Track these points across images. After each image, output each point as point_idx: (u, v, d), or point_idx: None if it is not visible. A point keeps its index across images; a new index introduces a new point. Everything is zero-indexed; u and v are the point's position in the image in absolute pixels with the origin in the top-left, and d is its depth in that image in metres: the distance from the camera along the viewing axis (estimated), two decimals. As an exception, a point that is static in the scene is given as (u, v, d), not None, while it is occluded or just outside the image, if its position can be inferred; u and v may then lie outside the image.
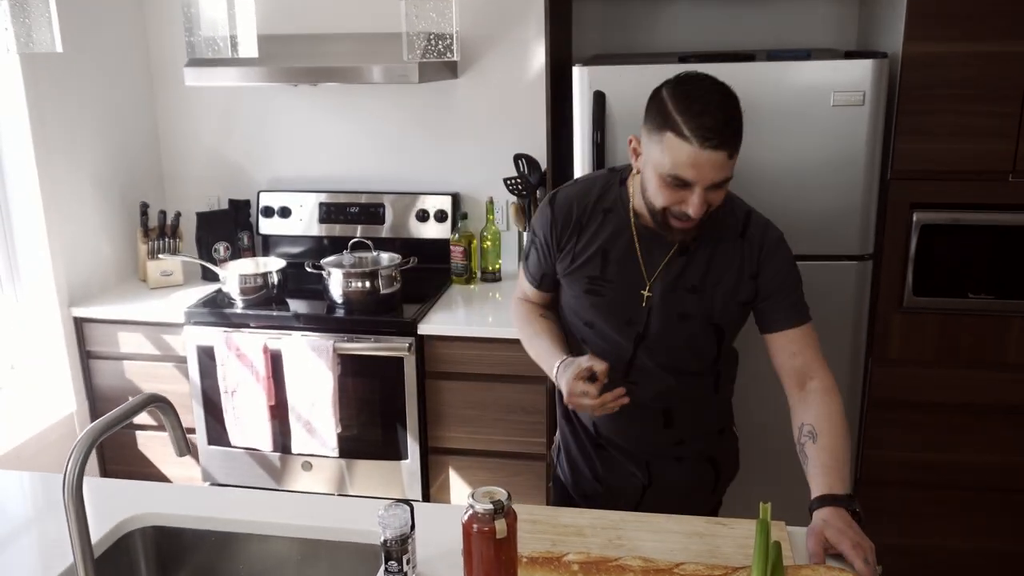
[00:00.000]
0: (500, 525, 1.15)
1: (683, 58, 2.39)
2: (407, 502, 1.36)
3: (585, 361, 1.62)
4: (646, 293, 1.71)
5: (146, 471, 3.05)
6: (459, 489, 2.85)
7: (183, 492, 1.74)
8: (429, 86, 3.12)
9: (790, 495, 2.55)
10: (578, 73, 2.35)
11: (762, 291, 1.72)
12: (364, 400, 2.80)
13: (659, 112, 1.55)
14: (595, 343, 1.79)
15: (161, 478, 3.05)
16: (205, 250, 3.17)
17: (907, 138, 2.37)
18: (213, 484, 2.94)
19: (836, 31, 2.87)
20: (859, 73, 2.23)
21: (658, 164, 1.54)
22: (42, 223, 2.82)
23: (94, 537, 1.54)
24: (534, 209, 2.98)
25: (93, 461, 3.06)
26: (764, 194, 2.37)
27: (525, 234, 3.02)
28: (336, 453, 2.79)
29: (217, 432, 2.88)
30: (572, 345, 1.83)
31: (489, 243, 3.10)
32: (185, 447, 1.30)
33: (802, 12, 2.86)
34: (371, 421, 2.80)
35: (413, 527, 1.35)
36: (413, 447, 2.79)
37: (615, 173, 1.79)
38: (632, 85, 2.34)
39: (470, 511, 1.17)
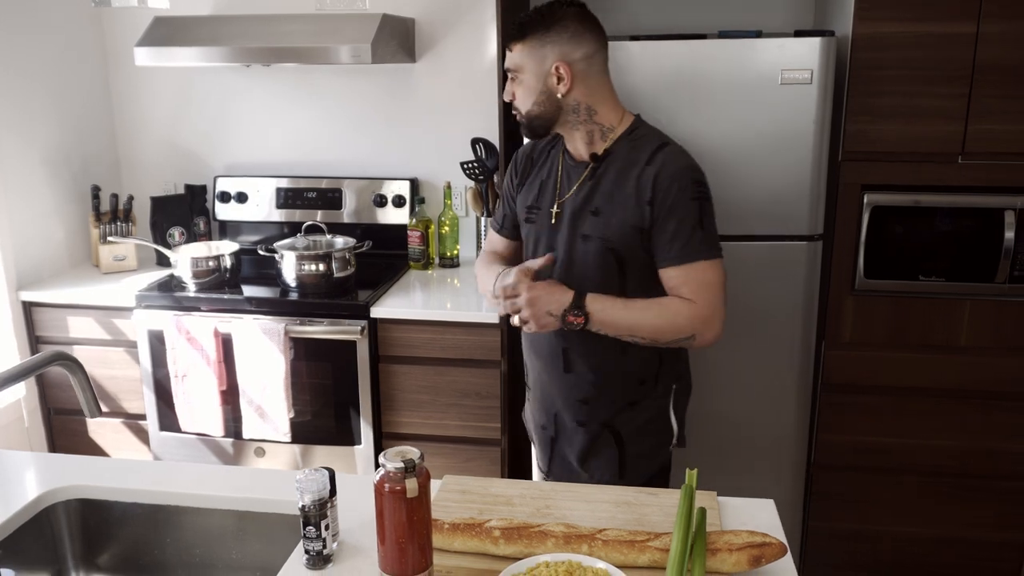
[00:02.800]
0: (411, 484, 1.13)
1: (634, 37, 2.38)
2: (329, 469, 1.33)
3: (520, 266, 1.81)
4: (554, 211, 1.86)
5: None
6: (414, 475, 2.82)
7: (113, 465, 1.71)
8: (386, 70, 3.10)
9: (735, 480, 2.55)
10: (527, 51, 2.33)
11: (655, 218, 1.73)
12: (317, 385, 2.76)
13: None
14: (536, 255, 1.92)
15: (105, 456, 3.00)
16: (160, 235, 3.13)
17: (857, 119, 2.37)
18: (164, 471, 2.90)
19: (793, 13, 2.87)
20: (806, 51, 2.23)
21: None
22: (-11, 205, 2.78)
23: (12, 510, 1.51)
24: (491, 194, 2.97)
25: (43, 447, 3.01)
26: (713, 172, 2.35)
27: (483, 219, 3.00)
28: (289, 438, 2.75)
29: (169, 418, 2.84)
30: None
31: (447, 228, 3.08)
32: (96, 408, 1.27)
33: (758, -4, 2.87)
34: (324, 406, 2.77)
35: (334, 493, 1.33)
36: (367, 432, 2.76)
37: None
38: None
39: (382, 470, 1.14)
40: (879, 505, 2.67)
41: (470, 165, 2.96)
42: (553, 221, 1.86)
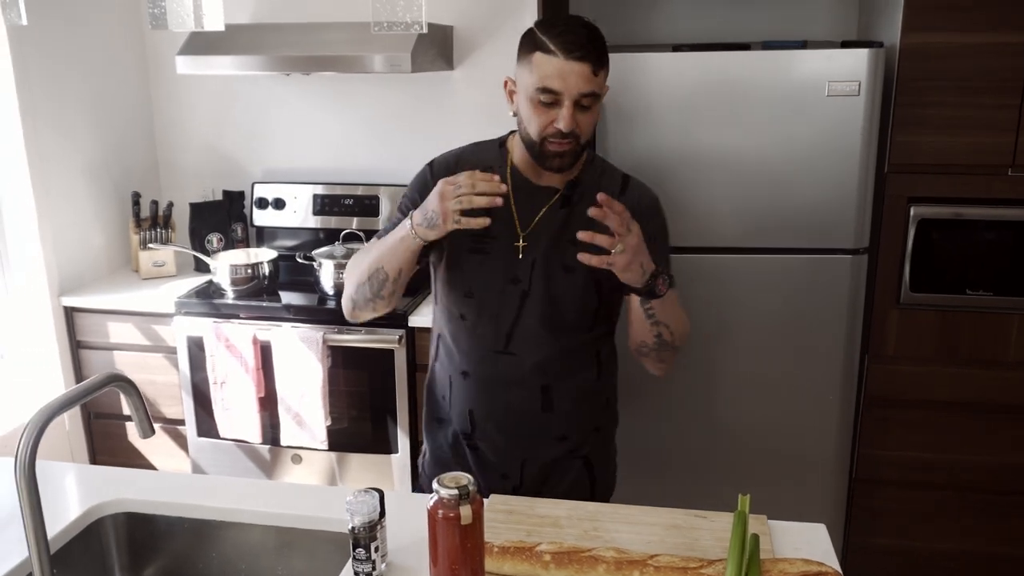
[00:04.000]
0: (465, 511, 1.12)
1: (677, 47, 2.35)
2: (378, 490, 1.32)
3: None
4: (520, 244, 1.69)
5: (136, 463, 3.03)
6: (449, 484, 2.81)
7: (158, 479, 1.72)
8: (424, 78, 3.10)
9: (777, 494, 2.52)
10: (569, 61, 2.32)
11: None
12: (354, 393, 2.77)
13: (528, 40, 1.61)
14: (474, 317, 1.73)
15: (151, 468, 3.03)
16: (198, 241, 3.15)
17: (904, 130, 2.33)
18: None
19: (837, 23, 2.83)
20: (854, 63, 2.20)
21: (528, 85, 1.58)
22: (32, 212, 2.81)
23: (64, 522, 1.52)
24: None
25: (83, 451, 3.04)
26: (757, 184, 2.34)
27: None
28: (326, 446, 2.76)
29: (207, 424, 2.86)
30: (448, 328, 1.78)
31: (483, 236, 3.07)
32: (149, 428, 1.28)
33: (803, 5, 2.83)
34: (361, 414, 2.77)
35: (383, 515, 1.32)
36: (403, 441, 2.76)
37: (494, 140, 1.80)
38: (623, 73, 2.31)
39: (435, 496, 1.14)
40: (922, 521, 2.62)
41: (507, 173, 2.95)
42: (521, 255, 1.69)
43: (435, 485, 1.14)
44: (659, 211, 1.76)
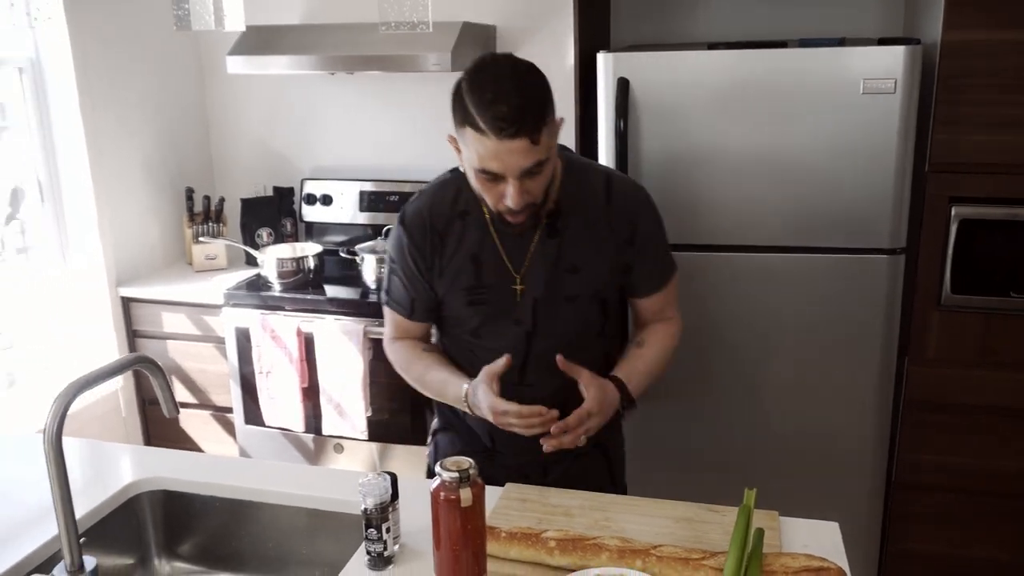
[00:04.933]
0: (465, 493, 1.16)
1: (712, 46, 2.36)
2: (391, 474, 1.37)
3: (483, 375, 1.57)
4: (518, 287, 1.64)
5: (187, 448, 3.15)
6: (486, 476, 2.86)
7: (195, 459, 1.80)
8: (468, 76, 3.14)
9: (812, 498, 2.50)
10: (602, 60, 2.34)
11: (637, 253, 1.68)
12: (394, 385, 2.83)
13: (459, 107, 1.47)
14: (484, 353, 1.66)
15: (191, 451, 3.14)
16: (249, 236, 3.25)
17: (945, 129, 2.29)
18: (248, 462, 3.02)
19: (880, 21, 2.79)
20: (890, 60, 2.17)
21: (469, 160, 1.50)
22: (92, 205, 2.94)
23: (105, 495, 1.61)
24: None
25: (138, 436, 3.18)
26: (792, 183, 2.33)
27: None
28: (366, 436, 2.83)
29: (253, 412, 2.95)
30: (462, 363, 1.73)
31: (524, 233, 3.10)
32: (174, 407, 1.35)
33: (846, 3, 2.80)
34: (401, 406, 2.84)
35: (396, 497, 1.37)
36: (441, 433, 2.81)
37: (456, 178, 1.68)
38: (657, 72, 2.32)
39: (438, 479, 1.18)
40: (962, 528, 2.57)
41: (548, 171, 2.98)
42: (520, 298, 1.65)
43: (437, 468, 1.18)
44: (649, 206, 1.71)
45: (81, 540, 1.17)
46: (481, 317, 1.67)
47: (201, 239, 3.19)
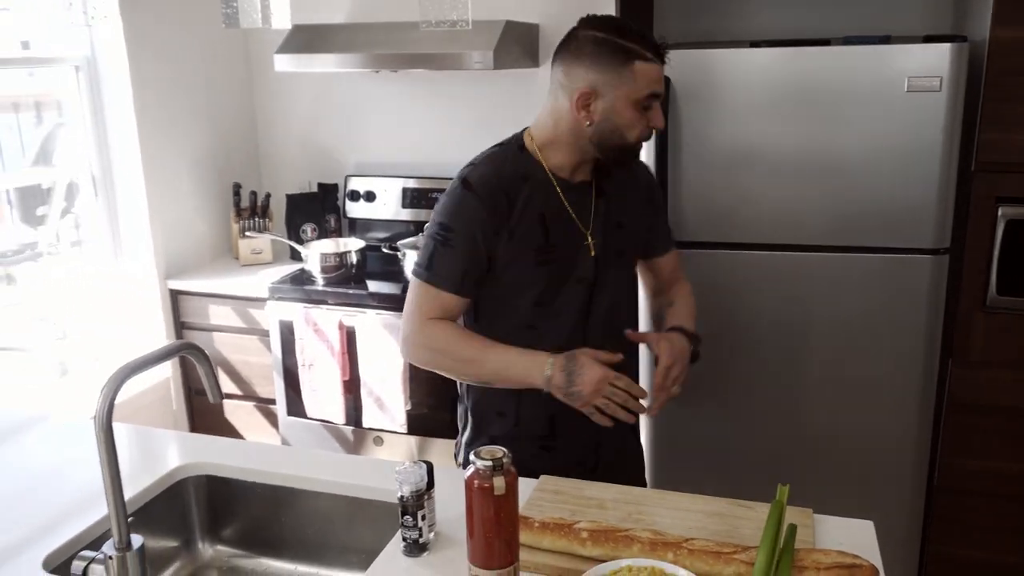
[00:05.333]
0: (499, 482, 1.18)
1: (755, 44, 2.35)
2: (427, 463, 1.40)
3: (586, 350, 1.60)
4: (590, 242, 1.71)
5: (232, 437, 3.22)
6: (523, 472, 2.89)
7: (238, 446, 1.85)
8: (510, 75, 3.17)
9: (851, 499, 2.48)
10: (644, 58, 2.35)
11: (656, 211, 1.88)
12: (433, 379, 2.83)
13: (619, 49, 1.58)
14: (546, 324, 1.70)
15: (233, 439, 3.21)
16: (294, 231, 3.31)
17: (992, 128, 2.26)
18: (291, 453, 3.08)
19: (927, 18, 2.76)
20: (935, 58, 2.15)
21: (633, 92, 1.59)
22: (144, 200, 3.02)
23: (152, 479, 1.66)
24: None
25: (185, 426, 3.25)
26: (835, 181, 2.32)
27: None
28: (405, 429, 2.87)
29: (296, 404, 3.01)
30: (516, 343, 1.67)
31: (564, 231, 3.12)
32: (218, 393, 1.39)
33: (891, 0, 2.76)
34: (440, 400, 2.87)
35: (432, 486, 1.40)
36: (478, 427, 2.84)
37: (507, 145, 1.73)
38: (699, 70, 2.32)
39: (472, 468, 1.20)
40: (1006, 533, 2.53)
41: (589, 169, 2.99)
42: (594, 253, 1.71)
43: (472, 456, 1.20)
44: (651, 174, 1.92)
45: (129, 519, 1.21)
46: (547, 278, 1.69)
47: (247, 234, 3.25)
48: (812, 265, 2.41)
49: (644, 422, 2.64)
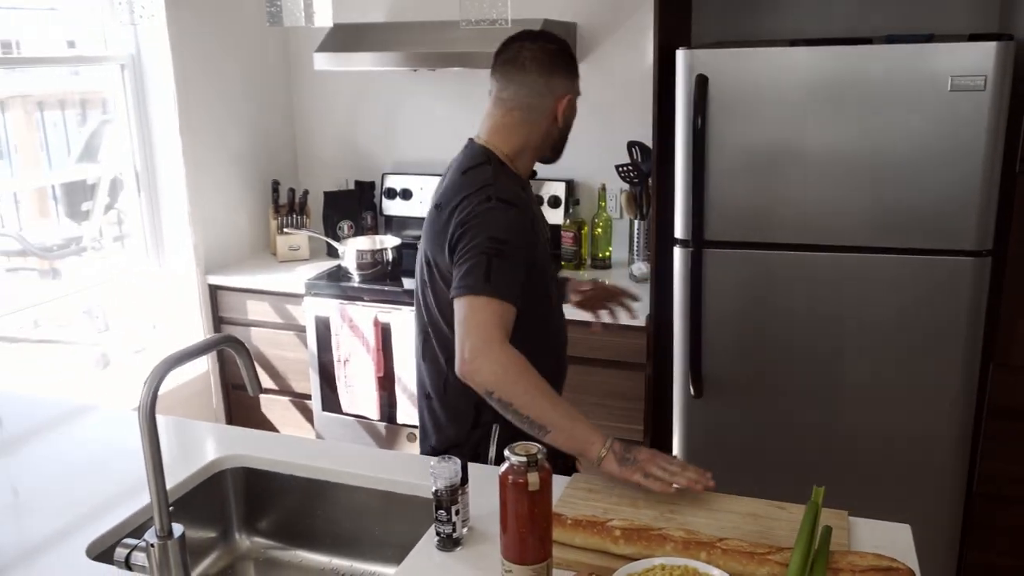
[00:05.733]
0: (533, 477, 1.19)
1: (794, 42, 2.33)
2: (461, 458, 1.41)
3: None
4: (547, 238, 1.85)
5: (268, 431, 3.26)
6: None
7: (276, 440, 1.87)
8: (547, 74, 3.17)
9: (886, 504, 2.45)
10: (681, 57, 2.34)
11: None
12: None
13: (571, 59, 1.78)
14: (554, 317, 1.85)
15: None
16: (331, 228, 3.35)
17: (1039, 128, 2.22)
18: (325, 448, 3.12)
19: (972, 16, 2.71)
20: (980, 56, 2.11)
21: (578, 94, 1.81)
22: (184, 197, 3.07)
23: (192, 470, 1.69)
24: (645, 198, 2.98)
25: (223, 419, 3.30)
26: (875, 182, 2.29)
27: (636, 222, 3.01)
28: (439, 426, 2.88)
29: (331, 399, 3.04)
30: (532, 334, 1.68)
31: (600, 230, 3.12)
32: (257, 386, 1.41)
33: (938, -2, 2.73)
34: (473, 397, 2.88)
35: (466, 481, 1.41)
36: (512, 425, 2.85)
37: (489, 160, 1.73)
38: (737, 69, 2.31)
39: (507, 463, 1.21)
40: (1048, 542, 2.49)
41: (625, 168, 2.99)
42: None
43: (507, 452, 1.21)
44: None
45: (170, 508, 1.23)
46: (556, 279, 1.86)
47: (285, 230, 3.29)
48: (850, 266, 2.38)
49: (676, 428, 2.63)
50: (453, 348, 1.57)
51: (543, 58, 1.71)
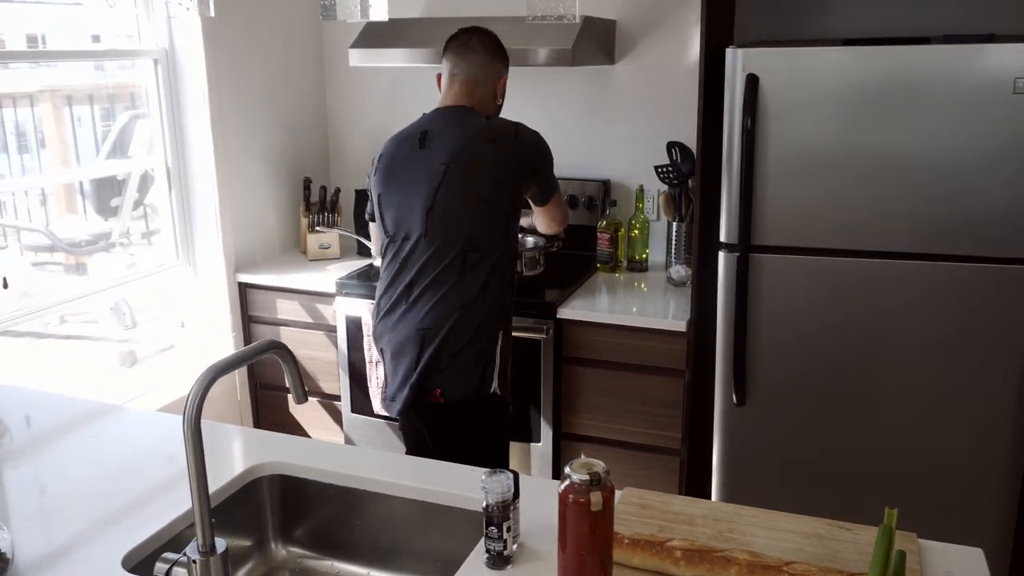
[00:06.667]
0: (596, 497, 1.12)
1: (849, 42, 2.25)
2: (513, 472, 1.35)
3: None
4: None
5: (294, 433, 3.21)
6: (589, 477, 2.82)
7: (313, 446, 1.81)
8: (585, 71, 3.11)
9: (935, 517, 2.37)
10: (731, 55, 2.27)
11: None
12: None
13: (505, 51, 2.32)
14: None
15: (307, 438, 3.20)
16: (362, 226, 3.28)
17: (1105, 132, 2.13)
18: (354, 450, 3.06)
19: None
20: (1047, 57, 2.03)
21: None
22: (215, 195, 3.03)
23: (227, 477, 1.64)
24: (684, 200, 2.91)
25: (250, 420, 3.26)
26: (932, 187, 2.21)
27: (675, 225, 2.94)
28: (470, 430, 2.82)
29: (361, 401, 2.99)
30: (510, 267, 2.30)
31: (637, 232, 3.05)
32: (302, 394, 1.35)
33: (995, -4, 2.63)
34: (513, 400, 2.81)
35: (517, 496, 1.35)
36: (546, 430, 2.79)
37: (490, 115, 2.32)
38: (789, 69, 2.23)
39: (567, 481, 1.15)
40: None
41: (664, 169, 2.92)
42: None
43: (567, 470, 1.15)
44: None
45: (212, 521, 1.18)
46: None
47: (316, 228, 3.24)
48: (904, 274, 2.30)
49: (717, 436, 2.56)
50: (499, 255, 2.21)
51: (489, 45, 2.25)
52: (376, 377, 2.89)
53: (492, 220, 2.19)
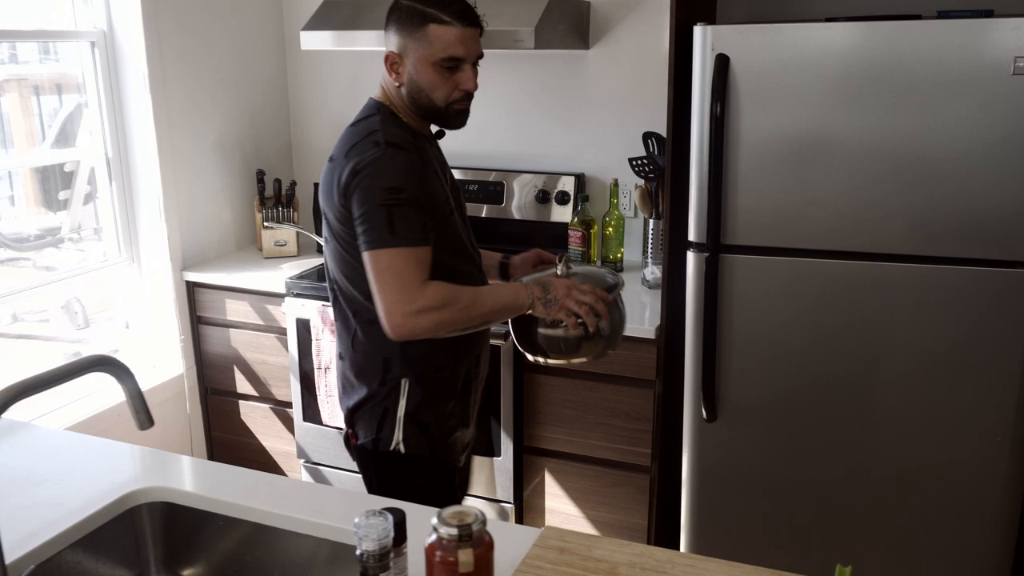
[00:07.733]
0: (465, 556, 0.91)
1: (831, 19, 2.02)
2: (398, 510, 1.14)
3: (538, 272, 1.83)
4: (450, 192, 1.78)
5: (247, 441, 3.02)
6: (555, 494, 2.61)
7: (211, 469, 1.61)
8: (558, 56, 2.89)
9: (930, 545, 2.14)
10: (699, 33, 2.04)
11: None
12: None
13: (411, 14, 1.66)
14: (472, 261, 1.83)
15: (261, 450, 3.01)
16: (320, 222, 3.09)
17: (1118, 120, 1.89)
18: (308, 463, 2.86)
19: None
20: (1051, 34, 1.79)
21: (429, 56, 1.66)
22: (158, 187, 2.83)
23: (97, 506, 1.44)
24: (662, 193, 2.68)
25: (200, 427, 3.06)
26: (923, 179, 1.98)
27: (651, 222, 2.72)
28: (427, 442, 2.61)
29: (312, 409, 2.79)
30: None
31: (611, 229, 2.83)
32: (146, 419, 1.15)
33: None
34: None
35: (403, 540, 1.14)
36: (507, 444, 2.58)
37: (378, 111, 1.73)
38: (763, 49, 2.00)
39: (433, 535, 0.93)
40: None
41: (640, 162, 2.69)
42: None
43: (434, 520, 0.94)
44: None
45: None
46: (460, 226, 1.77)
47: (267, 224, 3.04)
48: (890, 277, 2.07)
49: (686, 454, 2.34)
50: (359, 304, 1.71)
51: (389, 14, 1.72)
52: (325, 384, 2.69)
53: (337, 261, 1.74)
